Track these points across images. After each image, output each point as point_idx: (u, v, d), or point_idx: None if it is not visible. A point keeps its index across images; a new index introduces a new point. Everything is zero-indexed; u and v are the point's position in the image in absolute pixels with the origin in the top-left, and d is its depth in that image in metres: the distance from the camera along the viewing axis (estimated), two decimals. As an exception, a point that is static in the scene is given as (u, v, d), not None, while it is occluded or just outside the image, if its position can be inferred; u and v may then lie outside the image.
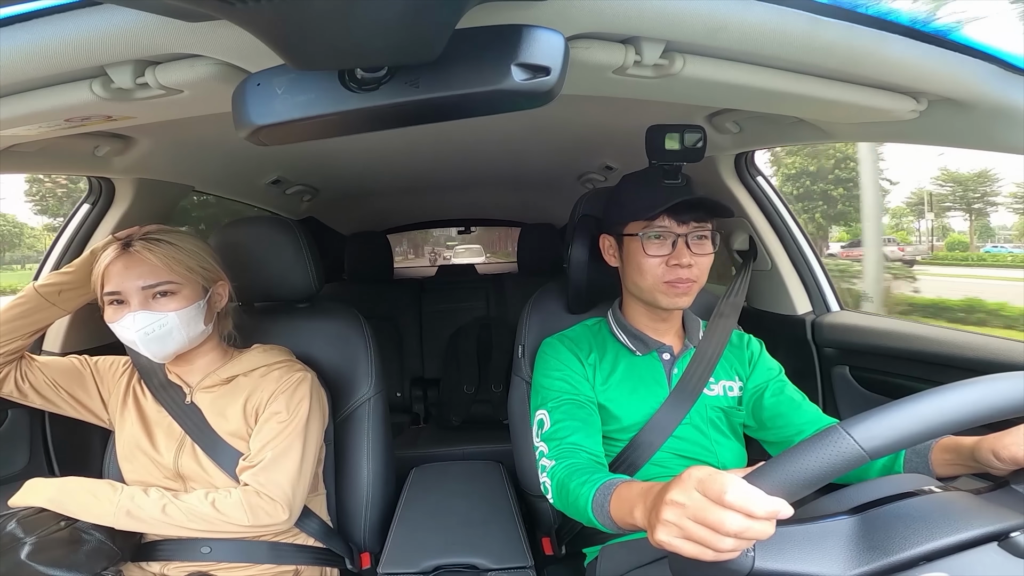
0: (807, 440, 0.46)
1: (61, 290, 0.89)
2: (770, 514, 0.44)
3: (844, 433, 0.45)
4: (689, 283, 0.87)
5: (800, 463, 0.45)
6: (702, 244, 0.88)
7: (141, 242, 0.85)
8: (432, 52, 0.40)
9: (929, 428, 0.45)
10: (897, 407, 0.45)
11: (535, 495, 1.07)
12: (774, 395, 0.93)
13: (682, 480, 0.49)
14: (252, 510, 0.84)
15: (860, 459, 0.44)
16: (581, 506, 0.71)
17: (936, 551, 0.47)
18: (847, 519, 0.52)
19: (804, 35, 0.56)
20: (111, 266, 0.84)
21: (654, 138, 0.88)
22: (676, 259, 0.85)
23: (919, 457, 0.75)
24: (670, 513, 0.49)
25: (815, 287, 1.34)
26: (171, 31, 0.48)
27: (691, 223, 0.86)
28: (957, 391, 0.46)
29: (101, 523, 0.81)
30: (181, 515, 0.82)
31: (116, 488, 0.84)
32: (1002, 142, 0.76)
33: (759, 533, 0.45)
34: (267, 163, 1.48)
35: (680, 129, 0.87)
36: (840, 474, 0.45)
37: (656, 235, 0.87)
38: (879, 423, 0.45)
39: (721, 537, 0.45)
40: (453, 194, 2.29)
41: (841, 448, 0.44)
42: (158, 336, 0.84)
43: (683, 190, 0.87)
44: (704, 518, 0.46)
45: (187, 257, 0.87)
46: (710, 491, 0.46)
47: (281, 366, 0.96)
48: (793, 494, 0.45)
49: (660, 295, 0.88)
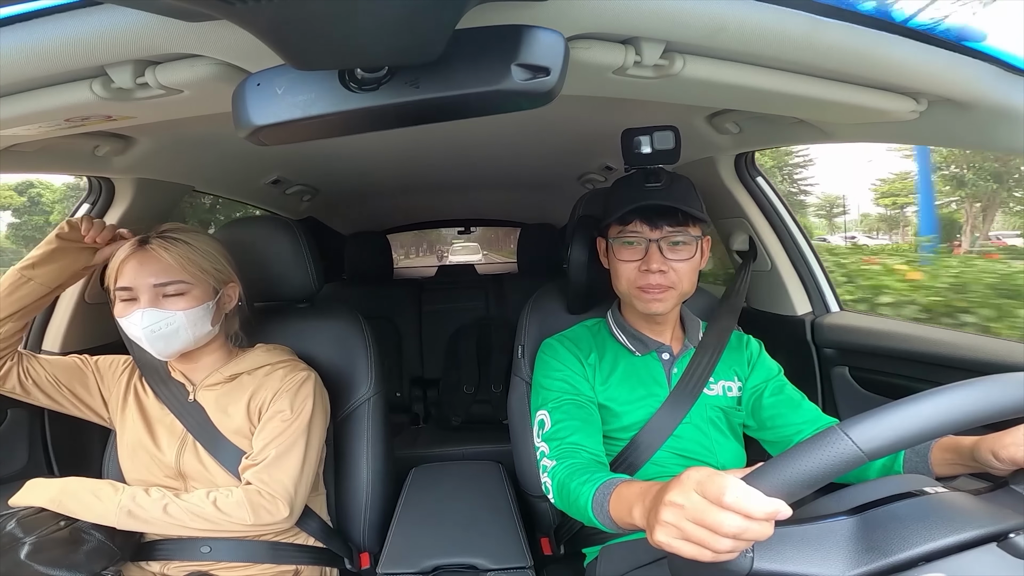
0: (805, 441, 0.46)
1: (35, 263, 0.87)
2: (768, 515, 0.44)
3: (842, 434, 0.45)
4: (663, 288, 0.86)
5: (798, 464, 0.45)
6: (678, 249, 0.86)
7: (158, 240, 0.86)
8: (432, 52, 0.40)
9: (927, 429, 0.45)
10: (895, 408, 0.45)
11: (535, 495, 1.07)
12: (773, 395, 0.93)
13: (681, 481, 0.49)
14: (254, 509, 0.84)
15: (858, 460, 0.44)
16: (581, 506, 0.71)
17: (935, 552, 0.47)
18: (846, 519, 0.52)
19: (804, 36, 0.56)
20: (126, 262, 0.84)
21: (628, 142, 0.86)
22: (646, 264, 0.85)
23: (919, 457, 0.75)
24: (669, 514, 0.49)
25: (815, 287, 1.34)
26: (171, 31, 0.48)
27: (664, 228, 0.85)
28: (955, 392, 0.46)
29: (103, 523, 0.81)
30: (183, 514, 0.82)
31: (117, 488, 0.84)
32: (1002, 142, 0.76)
33: (757, 534, 0.45)
34: (267, 163, 1.48)
35: (650, 131, 0.85)
36: (838, 475, 0.45)
37: (628, 240, 0.87)
38: (877, 424, 0.45)
39: (719, 538, 0.45)
40: (453, 194, 2.29)
41: (839, 449, 0.44)
42: (164, 334, 0.84)
43: (658, 194, 0.85)
44: (702, 519, 0.46)
45: (201, 258, 0.87)
46: (708, 492, 0.46)
47: (285, 365, 0.96)
48: (791, 495, 0.45)
49: (635, 300, 0.88)
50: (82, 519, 0.81)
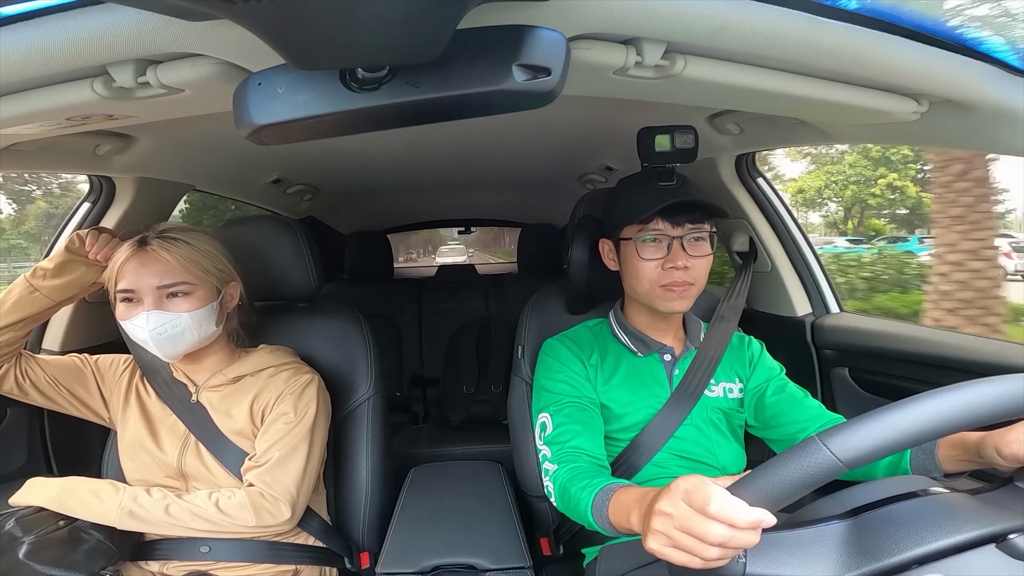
0: (786, 452, 0.47)
1: (44, 275, 0.87)
2: (752, 524, 0.45)
3: (820, 444, 0.46)
4: (686, 286, 0.86)
5: (778, 474, 0.46)
6: (698, 246, 0.87)
7: (158, 240, 0.85)
8: (433, 52, 0.40)
9: (904, 437, 0.45)
10: (872, 418, 0.46)
11: (534, 495, 1.07)
12: (775, 393, 0.93)
13: (670, 491, 0.51)
14: (256, 511, 0.84)
15: (837, 470, 0.45)
16: (582, 510, 0.72)
17: (932, 553, 0.47)
18: (839, 523, 0.52)
19: (805, 36, 0.56)
20: (126, 263, 0.84)
21: (645, 140, 0.86)
22: (671, 262, 0.85)
23: (926, 454, 0.74)
24: (658, 523, 0.50)
25: (815, 289, 1.34)
26: (173, 30, 0.48)
27: (686, 225, 0.85)
28: (931, 400, 0.46)
29: (103, 523, 0.81)
30: (185, 515, 0.82)
31: (118, 488, 0.84)
32: (1003, 144, 0.76)
33: (743, 542, 0.46)
34: (268, 162, 1.48)
35: (670, 130, 0.86)
36: (819, 484, 0.46)
37: (651, 238, 0.86)
38: (854, 434, 0.45)
39: (707, 546, 0.46)
40: (453, 194, 2.29)
41: (817, 459, 0.45)
42: (170, 336, 0.84)
43: (677, 191, 0.86)
44: (689, 528, 0.47)
45: (202, 258, 0.87)
46: (695, 502, 0.48)
47: (289, 367, 0.96)
48: (775, 504, 0.46)
49: (657, 299, 0.88)
50: (82, 519, 0.81)
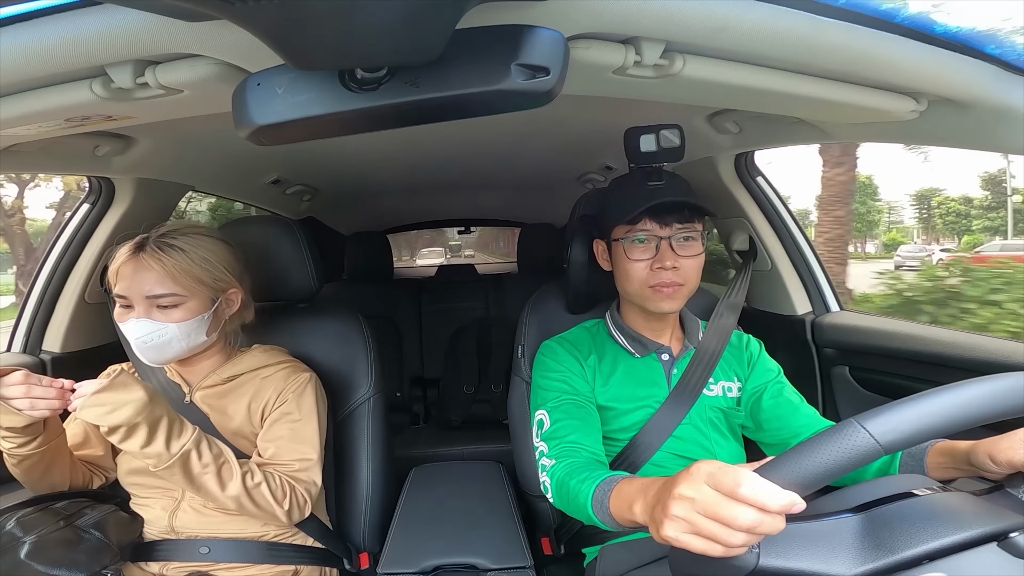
0: (821, 433, 0.46)
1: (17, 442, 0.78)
2: (783, 508, 0.43)
3: (859, 426, 0.44)
4: (675, 286, 0.86)
5: (814, 456, 0.45)
6: (688, 245, 0.86)
7: (152, 247, 0.83)
8: (432, 52, 0.40)
9: (944, 423, 0.44)
10: (912, 402, 0.45)
11: (535, 495, 1.07)
12: (772, 397, 0.93)
13: (691, 474, 0.48)
14: (290, 508, 0.85)
15: (875, 452, 0.44)
16: (581, 503, 0.70)
17: (938, 550, 0.47)
18: (851, 517, 0.52)
19: (804, 36, 0.56)
20: (122, 268, 0.83)
21: (631, 141, 0.86)
22: (659, 262, 0.85)
23: (914, 460, 0.74)
24: (679, 508, 0.47)
25: (815, 287, 1.34)
26: (171, 31, 0.48)
27: (674, 225, 0.85)
28: (972, 387, 0.46)
29: (149, 457, 0.73)
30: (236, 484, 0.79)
31: (187, 428, 0.77)
32: (1001, 142, 0.76)
33: (771, 528, 0.44)
34: (267, 163, 1.48)
35: (655, 129, 0.85)
36: (854, 468, 0.44)
37: (639, 239, 0.86)
38: (894, 417, 0.44)
39: (733, 532, 0.44)
40: (453, 194, 2.29)
41: (856, 441, 0.44)
42: (156, 345, 0.83)
43: (664, 191, 0.85)
44: (715, 512, 0.45)
45: (197, 267, 0.84)
46: (722, 485, 0.45)
47: (286, 366, 0.96)
48: (807, 488, 0.45)
49: (647, 300, 0.88)
50: (150, 441, 0.72)
